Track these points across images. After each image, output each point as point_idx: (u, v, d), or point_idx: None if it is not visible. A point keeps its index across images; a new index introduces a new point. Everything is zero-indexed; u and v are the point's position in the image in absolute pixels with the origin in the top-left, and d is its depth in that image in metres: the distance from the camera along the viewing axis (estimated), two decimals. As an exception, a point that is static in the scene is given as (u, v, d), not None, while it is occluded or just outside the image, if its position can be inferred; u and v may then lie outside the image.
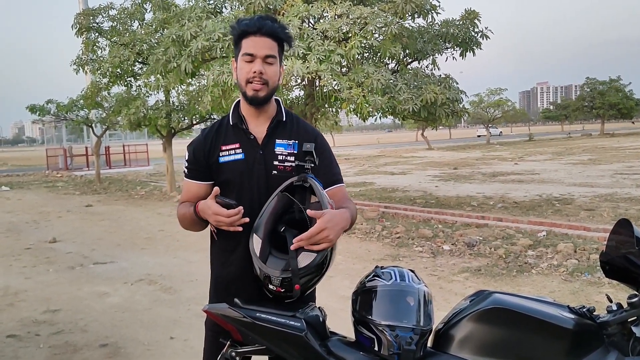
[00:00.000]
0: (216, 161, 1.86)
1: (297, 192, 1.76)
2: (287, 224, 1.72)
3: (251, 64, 1.79)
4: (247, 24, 1.80)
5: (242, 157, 1.85)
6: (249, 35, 1.79)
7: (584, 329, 1.70)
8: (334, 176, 1.94)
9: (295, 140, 1.88)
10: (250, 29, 1.79)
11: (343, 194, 1.94)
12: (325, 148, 1.95)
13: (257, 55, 1.78)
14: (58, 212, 12.18)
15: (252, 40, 1.79)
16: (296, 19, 8.04)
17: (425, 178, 16.79)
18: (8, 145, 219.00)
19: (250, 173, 1.83)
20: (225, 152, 1.86)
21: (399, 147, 44.81)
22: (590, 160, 20.49)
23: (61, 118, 19.80)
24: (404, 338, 1.62)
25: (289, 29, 1.87)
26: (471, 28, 9.72)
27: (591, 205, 9.81)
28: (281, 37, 1.83)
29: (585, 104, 49.13)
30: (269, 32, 1.79)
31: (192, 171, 1.90)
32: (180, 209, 1.91)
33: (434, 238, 7.46)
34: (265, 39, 1.79)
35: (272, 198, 1.72)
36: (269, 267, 1.62)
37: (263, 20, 1.80)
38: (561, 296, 4.88)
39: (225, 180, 1.84)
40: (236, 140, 1.87)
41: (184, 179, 1.95)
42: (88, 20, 13.54)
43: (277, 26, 1.81)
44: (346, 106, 8.17)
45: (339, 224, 1.66)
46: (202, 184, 1.90)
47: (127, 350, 4.06)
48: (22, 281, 6.19)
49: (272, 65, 1.80)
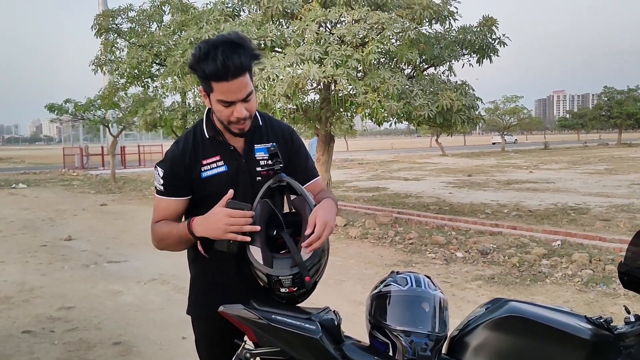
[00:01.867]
0: (198, 177, 1.80)
1: (276, 193, 1.78)
2: (276, 226, 1.73)
3: (230, 107, 1.67)
4: (212, 68, 1.60)
5: (224, 169, 1.81)
6: (219, 80, 1.62)
7: (601, 340, 1.68)
8: (311, 171, 1.96)
9: (273, 142, 1.86)
10: (217, 73, 1.60)
11: (321, 187, 1.98)
12: (301, 144, 1.96)
13: (235, 101, 1.66)
14: (73, 210, 12.31)
15: (224, 86, 1.63)
16: (313, 24, 8.07)
17: (439, 184, 16.71)
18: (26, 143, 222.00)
19: (235, 183, 1.78)
20: (207, 166, 1.80)
21: (412, 152, 44.68)
22: (606, 170, 20.26)
23: (78, 117, 20.05)
24: (419, 344, 1.62)
25: (252, 47, 1.67)
26: (488, 35, 9.67)
27: (607, 215, 9.70)
28: (250, 67, 1.68)
29: (603, 113, 48.59)
30: (240, 70, 1.62)
31: (170, 187, 1.80)
32: (161, 228, 1.80)
33: (447, 245, 7.43)
34: (238, 81, 1.63)
35: (255, 207, 1.71)
36: (277, 270, 1.62)
37: (229, 58, 1.59)
38: (575, 306, 4.83)
39: (211, 194, 1.76)
40: (216, 153, 1.81)
41: (157, 197, 1.83)
42: (107, 21, 13.69)
43: (245, 56, 1.62)
44: (361, 111, 8.18)
45: (331, 211, 1.70)
46: (180, 200, 1.82)
47: (140, 349, 4.09)
48: (37, 278, 6.26)
49: (250, 99, 1.70)
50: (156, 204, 1.86)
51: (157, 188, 1.84)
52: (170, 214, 1.83)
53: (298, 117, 9.26)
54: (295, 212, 1.77)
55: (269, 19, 8.89)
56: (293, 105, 8.48)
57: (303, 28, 8.13)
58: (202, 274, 1.91)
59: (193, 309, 1.94)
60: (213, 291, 1.87)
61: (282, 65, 7.68)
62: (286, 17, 9.13)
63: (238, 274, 1.83)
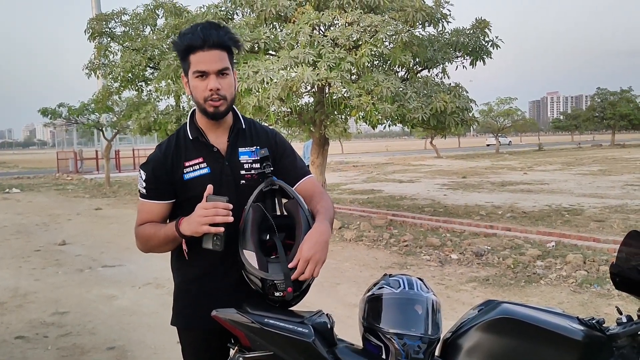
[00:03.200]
0: (180, 179, 1.79)
1: (268, 197, 1.78)
2: (268, 230, 1.72)
3: (205, 80, 1.71)
4: (191, 37, 1.69)
5: (207, 172, 1.79)
6: (195, 50, 1.69)
7: (593, 341, 1.69)
8: (301, 169, 1.92)
9: (257, 146, 1.86)
10: (195, 42, 1.68)
11: (313, 185, 1.91)
12: (286, 146, 1.94)
13: (209, 72, 1.70)
14: (68, 214, 12.27)
15: (200, 55, 1.69)
16: (307, 26, 8.08)
17: (433, 186, 16.74)
18: (19, 147, 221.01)
19: (219, 186, 1.74)
20: (190, 169, 1.79)
21: (407, 155, 44.76)
22: (600, 171, 20.35)
23: (72, 121, 20.01)
24: (411, 346, 1.62)
25: (234, 33, 1.78)
26: (482, 37, 9.71)
27: (601, 216, 9.74)
28: (229, 44, 1.74)
29: (596, 114, 48.79)
30: (216, 43, 1.69)
31: (153, 191, 1.80)
32: (146, 230, 1.80)
33: (442, 247, 7.44)
34: (213, 52, 1.69)
35: (247, 211, 1.71)
36: (272, 275, 1.62)
37: (207, 31, 1.69)
38: (570, 307, 4.85)
39: (194, 196, 1.73)
40: (198, 155, 1.80)
41: (141, 201, 1.83)
42: (101, 25, 13.67)
43: (223, 33, 1.71)
44: (355, 114, 8.19)
45: (319, 242, 1.63)
46: (163, 203, 1.81)
47: (134, 354, 4.07)
48: (31, 283, 6.23)
49: (226, 77, 1.73)
50: (140, 207, 1.85)
51: (140, 191, 1.84)
52: (154, 217, 1.82)
53: (292, 120, 9.26)
54: (288, 215, 1.77)
55: (263, 22, 8.89)
56: (287, 108, 8.48)
57: (296, 31, 8.14)
58: (187, 282, 1.88)
59: (177, 320, 1.91)
60: (198, 300, 1.84)
61: (276, 68, 7.68)
62: (279, 20, 9.14)
63: (224, 280, 1.82)
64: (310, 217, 1.73)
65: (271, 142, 1.90)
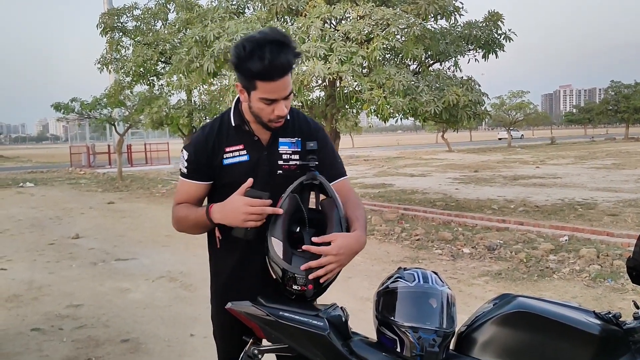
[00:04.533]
0: (220, 163, 1.81)
1: (305, 190, 1.77)
2: (299, 222, 1.72)
3: (271, 105, 1.69)
4: (259, 66, 1.58)
5: (246, 159, 1.81)
6: (264, 79, 1.63)
7: (610, 335, 1.67)
8: (338, 170, 1.90)
9: (298, 137, 1.85)
10: (264, 74, 1.61)
11: (348, 188, 1.91)
12: (327, 142, 1.92)
13: (278, 99, 1.68)
14: (81, 208, 12.37)
15: (269, 85, 1.63)
16: (318, 20, 8.06)
17: (445, 180, 16.67)
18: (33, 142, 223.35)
19: (255, 174, 1.78)
20: (229, 154, 1.81)
21: (418, 149, 44.59)
22: (614, 165, 20.15)
23: (85, 116, 20.11)
24: (426, 340, 1.62)
25: (294, 44, 1.66)
26: (494, 30, 9.64)
27: (615, 210, 9.65)
28: (294, 64, 1.68)
29: (610, 107, 48.32)
30: (286, 71, 1.63)
31: (192, 171, 1.84)
32: (180, 210, 1.85)
33: (454, 241, 7.41)
34: (283, 80, 1.64)
35: (283, 199, 1.71)
36: (294, 267, 1.63)
37: (276, 57, 1.57)
38: (583, 302, 4.81)
39: (230, 182, 1.78)
40: (240, 141, 1.82)
41: (181, 180, 1.88)
42: (112, 20, 13.76)
43: (291, 54, 1.62)
44: (367, 107, 8.18)
45: (352, 249, 1.65)
46: (201, 184, 1.85)
47: (148, 346, 4.11)
48: (46, 276, 6.30)
49: (289, 97, 1.72)
50: (179, 186, 1.90)
51: (181, 170, 1.88)
52: (191, 198, 1.87)
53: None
54: (322, 212, 1.76)
55: (274, 16, 8.89)
56: (298, 102, 8.48)
57: (308, 25, 8.13)
58: (221, 267, 1.95)
59: (212, 300, 1.99)
60: (230, 285, 1.89)
61: (287, 62, 7.68)
62: (291, 14, 9.14)
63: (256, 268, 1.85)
64: (344, 220, 1.71)
65: (313, 135, 1.88)
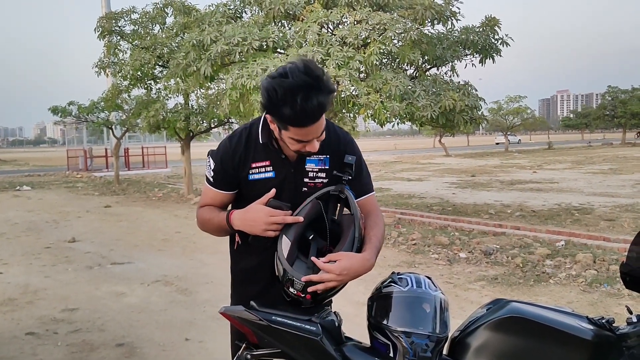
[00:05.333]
0: (245, 177, 1.82)
1: (331, 201, 1.76)
2: (315, 231, 1.72)
3: (300, 143, 1.66)
4: (291, 117, 1.54)
5: (272, 176, 1.80)
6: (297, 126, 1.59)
7: (603, 341, 1.67)
8: (366, 186, 1.88)
9: (327, 155, 1.82)
10: (298, 123, 1.58)
11: (372, 205, 1.89)
12: (358, 156, 1.88)
13: (311, 140, 1.66)
14: (77, 212, 12.34)
15: (301, 130, 1.60)
16: (315, 25, 8.08)
17: (442, 185, 16.69)
18: (30, 145, 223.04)
19: (280, 190, 1.78)
20: (256, 170, 1.81)
21: (415, 153, 44.64)
22: (611, 170, 20.19)
23: (82, 120, 20.10)
24: (419, 345, 1.62)
25: (328, 83, 1.57)
26: (491, 35, 9.66)
27: (611, 215, 9.66)
28: (328, 105, 1.59)
29: (607, 112, 48.42)
30: (319, 116, 1.58)
31: (218, 181, 1.85)
32: (204, 213, 1.87)
33: (450, 245, 7.41)
34: (316, 125, 1.60)
35: (306, 203, 1.72)
36: (294, 272, 1.63)
37: (307, 105, 1.52)
38: (579, 307, 4.81)
39: (255, 197, 1.77)
40: (267, 158, 1.80)
41: (207, 186, 1.89)
42: (110, 23, 13.75)
43: (323, 97, 1.54)
44: (364, 112, 8.18)
45: (357, 272, 1.64)
46: (227, 193, 1.87)
47: (143, 351, 4.09)
48: (41, 279, 6.28)
49: (321, 135, 1.68)
50: (205, 190, 1.92)
51: (207, 177, 1.89)
52: (216, 204, 1.90)
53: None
54: (340, 225, 1.76)
55: (271, 21, 8.90)
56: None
57: (305, 29, 8.14)
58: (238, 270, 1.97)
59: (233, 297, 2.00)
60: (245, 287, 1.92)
61: (284, 66, 7.68)
62: (288, 19, 9.15)
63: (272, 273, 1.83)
64: (359, 240, 1.69)
65: (341, 150, 1.84)
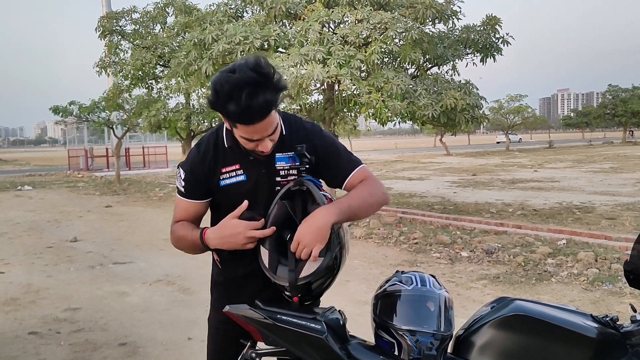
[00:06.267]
0: (217, 184, 1.77)
1: (297, 196, 1.72)
2: (292, 229, 1.68)
3: (254, 142, 1.64)
4: (236, 114, 1.53)
5: (243, 179, 1.76)
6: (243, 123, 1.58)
7: (607, 339, 1.68)
8: (347, 165, 1.81)
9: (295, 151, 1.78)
10: (241, 120, 1.56)
11: (362, 177, 1.80)
12: (327, 144, 1.82)
13: (260, 139, 1.63)
14: (79, 211, 12.34)
15: (248, 128, 1.58)
16: (317, 24, 8.08)
17: (443, 184, 16.69)
18: (31, 145, 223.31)
19: (255, 192, 1.75)
20: (226, 175, 1.77)
21: (416, 152, 44.62)
22: (611, 169, 20.19)
23: (83, 119, 20.09)
24: (424, 343, 1.62)
25: (278, 79, 1.56)
26: (492, 34, 9.67)
27: (613, 214, 9.66)
28: (277, 102, 1.58)
29: (607, 111, 48.43)
30: (265, 114, 1.56)
31: (190, 190, 1.80)
32: (178, 229, 1.81)
33: (452, 244, 7.42)
34: (264, 122, 1.58)
35: (272, 208, 1.70)
36: (279, 278, 1.63)
37: (252, 102, 1.50)
38: (581, 305, 4.82)
39: (229, 203, 1.74)
40: (236, 161, 1.76)
41: (178, 198, 1.84)
42: (111, 23, 13.76)
43: (269, 96, 1.53)
44: (365, 111, 8.19)
45: (310, 228, 1.58)
46: (200, 202, 1.82)
47: (146, 350, 4.10)
48: (43, 279, 6.28)
49: (273, 134, 1.65)
50: (177, 203, 1.87)
51: (178, 188, 1.85)
52: (190, 215, 1.84)
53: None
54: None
55: (272, 20, 8.90)
56: (297, 105, 8.49)
57: (306, 28, 8.15)
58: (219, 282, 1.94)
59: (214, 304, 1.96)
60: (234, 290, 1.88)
61: (285, 65, 7.69)
62: (289, 18, 9.15)
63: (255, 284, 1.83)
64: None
65: (310, 143, 1.78)
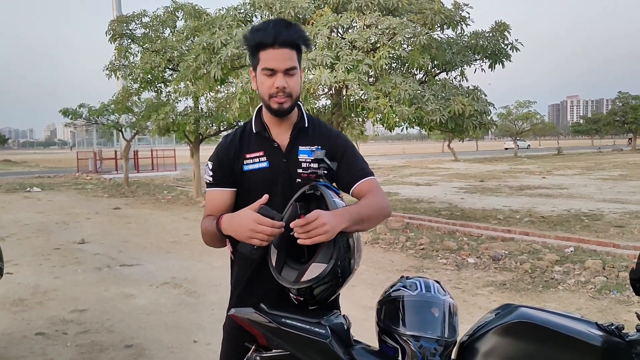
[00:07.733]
0: (240, 169, 1.83)
1: (313, 201, 1.73)
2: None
3: (272, 77, 1.74)
4: (262, 34, 1.72)
5: (266, 165, 1.82)
6: (265, 47, 1.72)
7: (612, 347, 1.67)
8: (359, 172, 1.86)
9: (318, 145, 1.85)
10: (265, 40, 1.71)
11: (370, 187, 1.83)
12: (347, 148, 1.89)
13: (278, 70, 1.73)
14: (87, 213, 12.42)
15: (269, 53, 1.72)
16: (325, 29, 8.10)
17: (450, 190, 16.64)
18: (40, 147, 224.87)
19: (275, 181, 1.80)
20: (250, 160, 1.83)
21: (424, 158, 44.53)
22: (621, 176, 20.05)
23: (92, 122, 20.23)
24: (428, 349, 1.62)
25: (304, 32, 1.79)
26: (501, 40, 9.65)
27: (621, 221, 9.60)
28: (299, 43, 1.76)
29: (617, 118, 48.15)
30: (287, 42, 1.72)
31: (217, 178, 1.85)
32: (204, 223, 1.84)
33: (458, 250, 7.39)
34: (283, 50, 1.72)
35: (287, 208, 1.71)
36: (283, 279, 1.64)
37: (278, 28, 1.71)
38: (588, 313, 4.79)
39: (249, 189, 1.81)
40: (260, 148, 1.84)
41: (207, 190, 1.89)
42: (121, 27, 13.85)
43: (294, 32, 1.74)
44: (373, 116, 8.19)
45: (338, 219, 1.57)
46: (226, 190, 1.85)
47: (152, 352, 4.12)
48: (51, 280, 6.33)
49: (293, 76, 1.76)
50: (206, 197, 1.91)
51: (207, 181, 1.89)
52: (217, 206, 1.85)
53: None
54: None
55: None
56: (305, 110, 8.49)
57: (315, 33, 8.17)
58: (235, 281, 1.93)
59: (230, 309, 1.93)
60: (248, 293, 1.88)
61: (293, 70, 7.70)
62: (298, 23, 9.18)
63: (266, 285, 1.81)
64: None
65: (331, 143, 1.88)
